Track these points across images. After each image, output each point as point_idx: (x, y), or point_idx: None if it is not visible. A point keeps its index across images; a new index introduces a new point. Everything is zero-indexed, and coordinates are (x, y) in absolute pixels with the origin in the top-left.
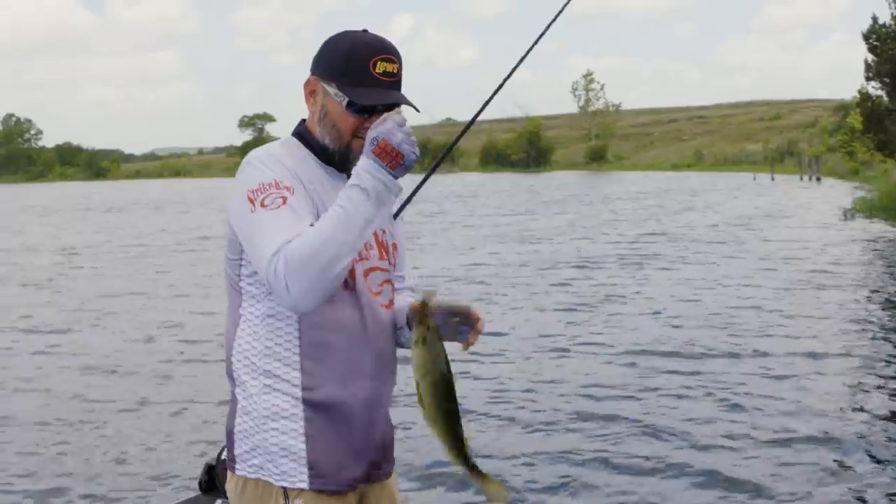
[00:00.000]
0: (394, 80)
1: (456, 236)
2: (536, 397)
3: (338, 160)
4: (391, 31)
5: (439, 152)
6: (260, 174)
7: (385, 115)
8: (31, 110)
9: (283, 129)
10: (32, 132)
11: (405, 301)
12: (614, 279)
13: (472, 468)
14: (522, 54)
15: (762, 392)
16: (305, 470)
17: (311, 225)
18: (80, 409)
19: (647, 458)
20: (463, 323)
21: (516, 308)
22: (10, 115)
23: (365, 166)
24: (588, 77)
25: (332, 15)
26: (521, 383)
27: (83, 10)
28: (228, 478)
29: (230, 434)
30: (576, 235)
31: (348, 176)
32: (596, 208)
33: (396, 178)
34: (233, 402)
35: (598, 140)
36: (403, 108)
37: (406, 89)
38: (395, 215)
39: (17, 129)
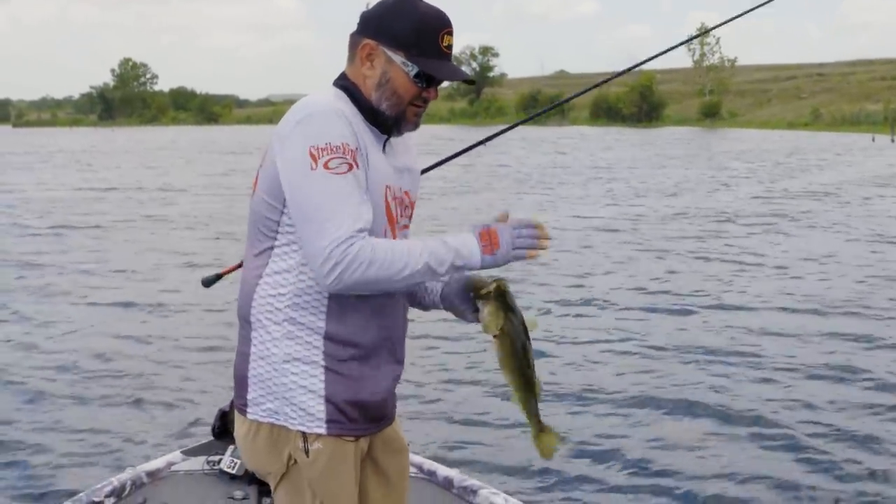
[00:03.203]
0: (451, 53)
1: (575, 189)
2: (675, 355)
3: (391, 125)
4: None
5: (549, 105)
6: (327, 131)
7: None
8: (151, 55)
9: None
10: (148, 76)
11: None
12: (749, 237)
13: (541, 428)
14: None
15: None
16: (324, 415)
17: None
18: (105, 348)
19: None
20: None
21: (646, 262)
22: (127, 60)
23: (467, 237)
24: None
25: None
26: (655, 339)
27: None
28: (239, 422)
29: (242, 378)
30: (703, 191)
31: (386, 138)
32: (718, 164)
33: (483, 264)
34: (245, 346)
35: (713, 96)
36: None
37: (523, 41)
38: (425, 171)
39: (133, 73)
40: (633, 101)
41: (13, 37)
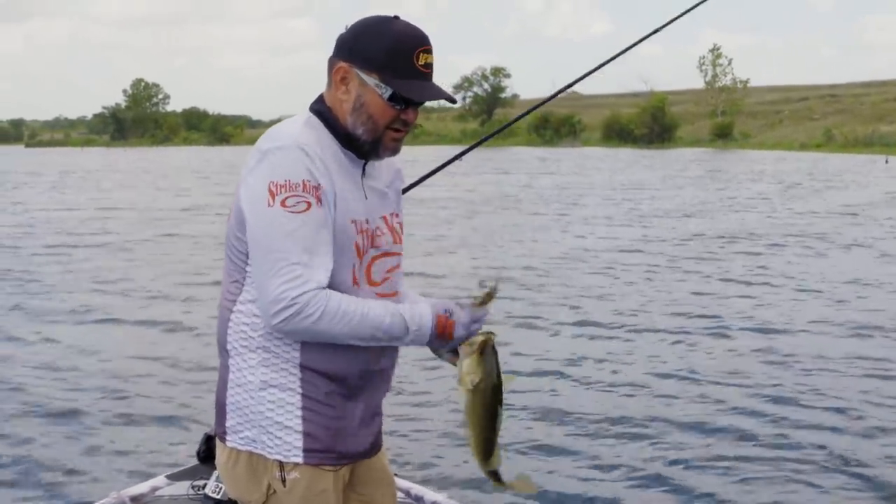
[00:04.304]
0: (431, 72)
1: (594, 209)
2: (699, 375)
3: (367, 150)
4: (526, 4)
5: (560, 125)
6: (288, 167)
7: (472, 309)
8: (164, 76)
9: None
10: (160, 97)
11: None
12: (773, 257)
13: (497, 479)
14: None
15: None
16: (301, 444)
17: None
18: (99, 368)
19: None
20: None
21: (669, 282)
22: (140, 80)
23: (425, 321)
24: (715, 52)
25: None
26: (676, 360)
27: None
28: (219, 450)
29: (221, 406)
30: (723, 212)
31: (366, 161)
32: (735, 185)
33: (431, 347)
34: (224, 373)
35: (725, 117)
36: None
37: (536, 62)
38: (405, 191)
39: (146, 93)
40: (645, 123)
41: (28, 57)
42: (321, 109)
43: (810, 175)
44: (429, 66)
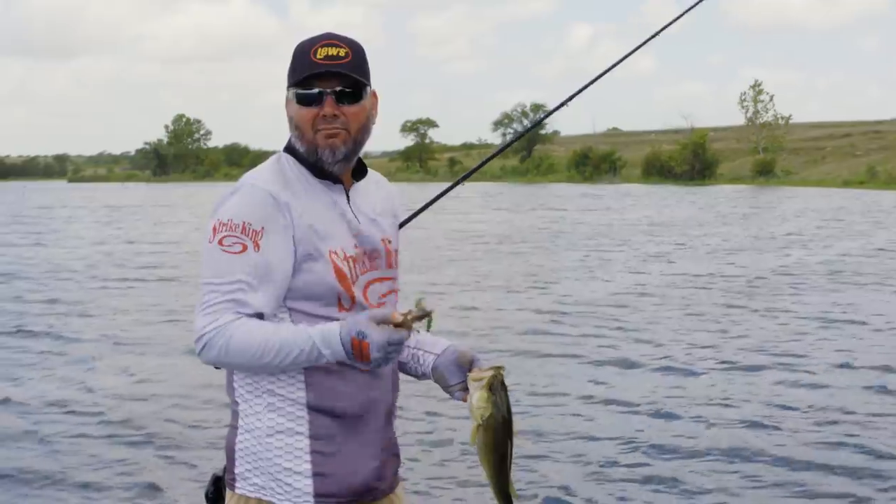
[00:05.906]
0: (340, 63)
1: (641, 248)
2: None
3: (313, 162)
4: (569, 39)
5: (601, 161)
6: (235, 209)
7: (387, 330)
8: (207, 112)
9: (446, 134)
10: (202, 132)
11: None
12: (833, 294)
13: None
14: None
15: None
16: (311, 490)
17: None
18: (117, 403)
19: None
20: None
21: (726, 321)
22: (181, 116)
23: (335, 343)
24: (756, 88)
25: (513, 23)
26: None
27: (268, 17)
28: (228, 497)
29: (230, 452)
30: (775, 249)
31: (340, 183)
32: (782, 222)
33: (353, 362)
34: (234, 419)
35: (767, 153)
36: None
37: (578, 99)
38: (402, 225)
39: (187, 129)
40: (686, 159)
41: (74, 94)
42: (289, 144)
43: (862, 212)
44: (332, 57)
